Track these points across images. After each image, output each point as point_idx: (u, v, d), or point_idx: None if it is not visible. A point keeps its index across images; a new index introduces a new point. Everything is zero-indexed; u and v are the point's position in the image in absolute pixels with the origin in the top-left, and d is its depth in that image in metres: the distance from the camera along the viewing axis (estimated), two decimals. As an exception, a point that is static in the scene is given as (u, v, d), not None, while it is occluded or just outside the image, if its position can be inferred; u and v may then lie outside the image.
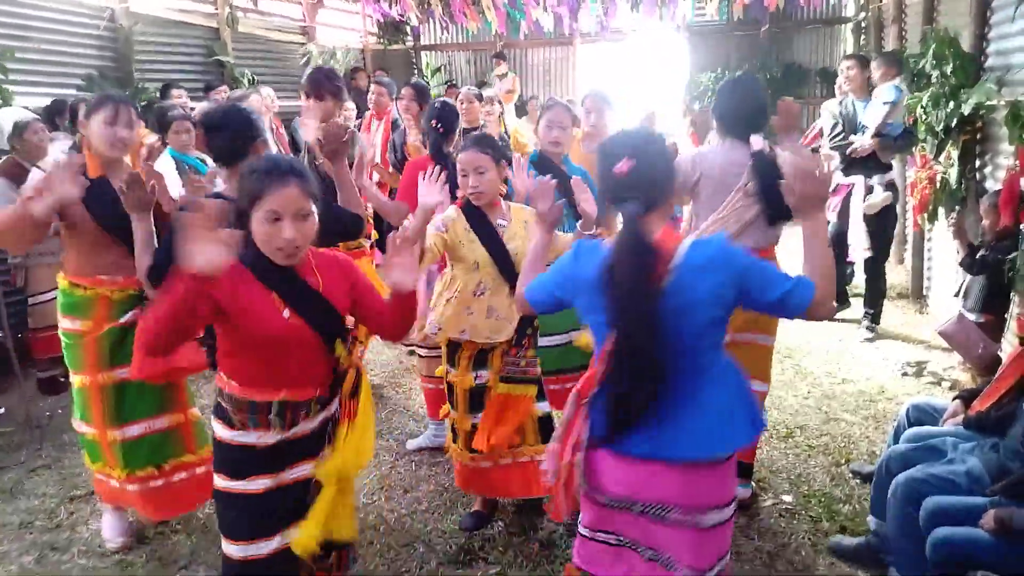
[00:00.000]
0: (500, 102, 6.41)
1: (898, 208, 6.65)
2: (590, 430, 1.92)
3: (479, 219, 2.90)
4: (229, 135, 2.65)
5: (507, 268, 2.87)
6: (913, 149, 5.11)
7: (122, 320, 2.90)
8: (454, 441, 3.09)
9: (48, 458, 3.95)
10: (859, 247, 5.21)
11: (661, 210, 1.94)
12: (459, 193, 2.97)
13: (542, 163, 3.50)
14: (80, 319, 2.91)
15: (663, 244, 1.85)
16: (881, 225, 5.19)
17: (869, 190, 5.10)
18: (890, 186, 5.15)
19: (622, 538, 1.99)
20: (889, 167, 5.16)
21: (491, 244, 2.88)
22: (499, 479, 3.02)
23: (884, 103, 4.95)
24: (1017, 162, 3.82)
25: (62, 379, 4.92)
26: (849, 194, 5.23)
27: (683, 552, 1.89)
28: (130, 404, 2.95)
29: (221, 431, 2.12)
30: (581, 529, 2.05)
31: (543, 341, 3.22)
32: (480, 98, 5.54)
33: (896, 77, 5.01)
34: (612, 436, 1.87)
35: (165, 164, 4.27)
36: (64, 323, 2.95)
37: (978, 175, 4.68)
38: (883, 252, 5.35)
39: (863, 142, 5.01)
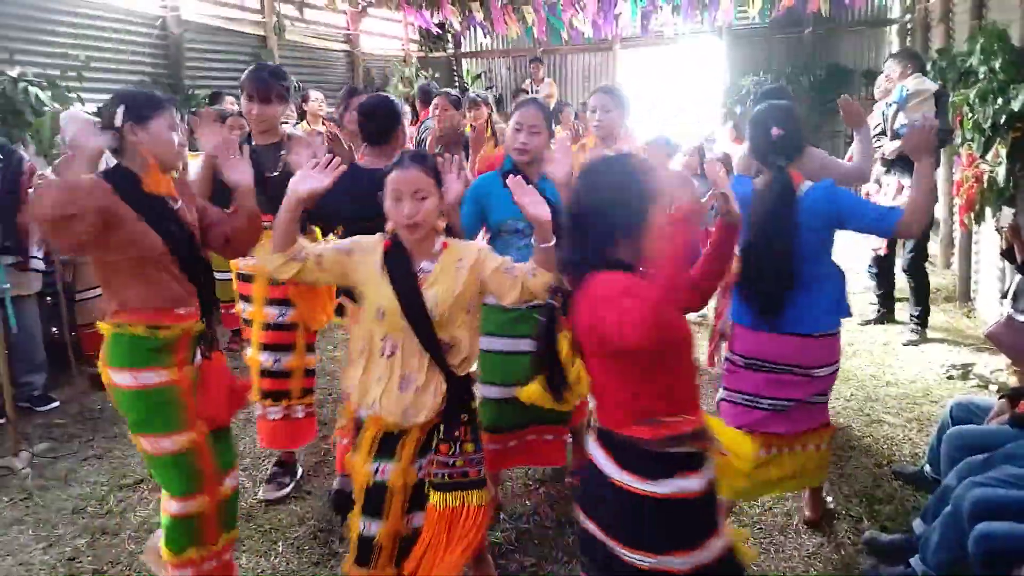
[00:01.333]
0: (490, 104, 5.81)
1: (943, 209, 6.58)
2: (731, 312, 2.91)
3: (397, 257, 2.24)
4: (378, 121, 3.12)
5: (420, 322, 2.19)
6: (957, 146, 5.02)
7: (196, 361, 2.51)
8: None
9: (99, 448, 4.08)
10: (878, 245, 5.42)
11: (795, 162, 2.75)
12: (388, 225, 2.28)
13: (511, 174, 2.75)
14: (166, 368, 2.39)
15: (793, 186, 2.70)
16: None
17: (900, 190, 5.05)
18: None
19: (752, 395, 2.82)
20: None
21: (403, 287, 2.20)
22: None
23: (890, 103, 5.03)
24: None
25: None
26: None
27: (797, 391, 2.80)
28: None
29: None
30: (721, 395, 2.94)
31: (485, 391, 2.88)
32: (458, 104, 5.00)
33: (912, 75, 5.03)
34: (753, 315, 2.77)
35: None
36: (144, 377, 2.36)
37: (1028, 174, 4.56)
38: (920, 251, 5.28)
39: (886, 147, 5.09)
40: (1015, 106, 4.13)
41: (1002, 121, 4.27)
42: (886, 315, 5.69)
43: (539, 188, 2.26)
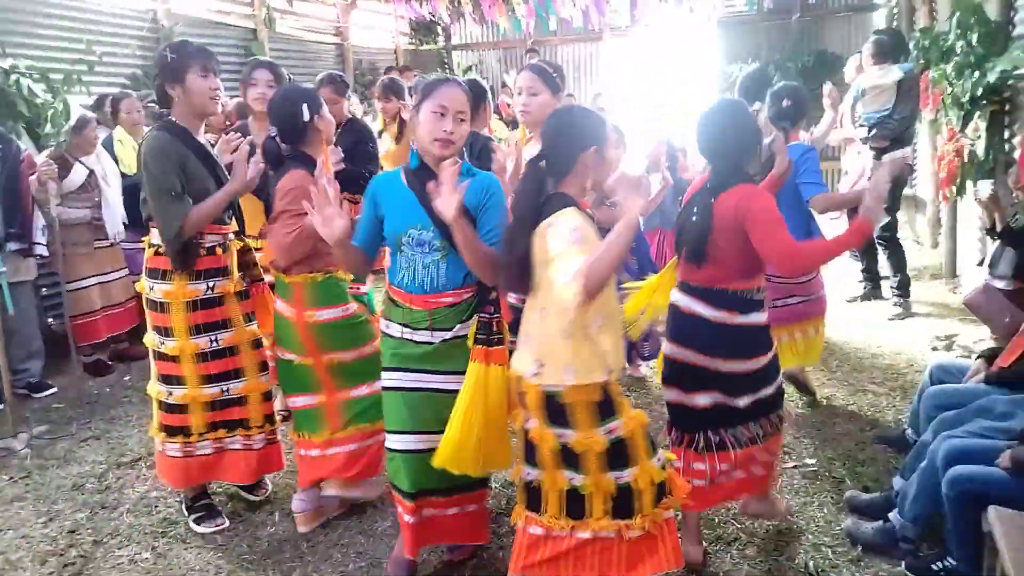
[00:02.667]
0: (403, 96, 5.09)
1: (931, 188, 6.66)
2: None
3: (423, 176, 2.37)
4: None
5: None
6: (940, 123, 5.15)
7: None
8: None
9: (97, 430, 4.14)
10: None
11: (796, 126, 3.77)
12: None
13: (418, 174, 2.37)
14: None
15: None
16: (891, 198, 5.27)
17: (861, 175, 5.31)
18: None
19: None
20: (900, 146, 5.23)
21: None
22: None
23: (853, 96, 5.38)
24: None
25: (109, 362, 5.16)
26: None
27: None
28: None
29: None
30: None
31: (393, 443, 2.53)
32: (392, 91, 4.87)
33: (876, 65, 5.26)
34: None
35: None
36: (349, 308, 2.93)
37: (1007, 146, 4.64)
38: (890, 226, 5.40)
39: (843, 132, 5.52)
40: (991, 79, 4.20)
41: (979, 94, 4.34)
42: (872, 291, 5.77)
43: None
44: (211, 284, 2.94)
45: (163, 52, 2.84)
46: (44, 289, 5.14)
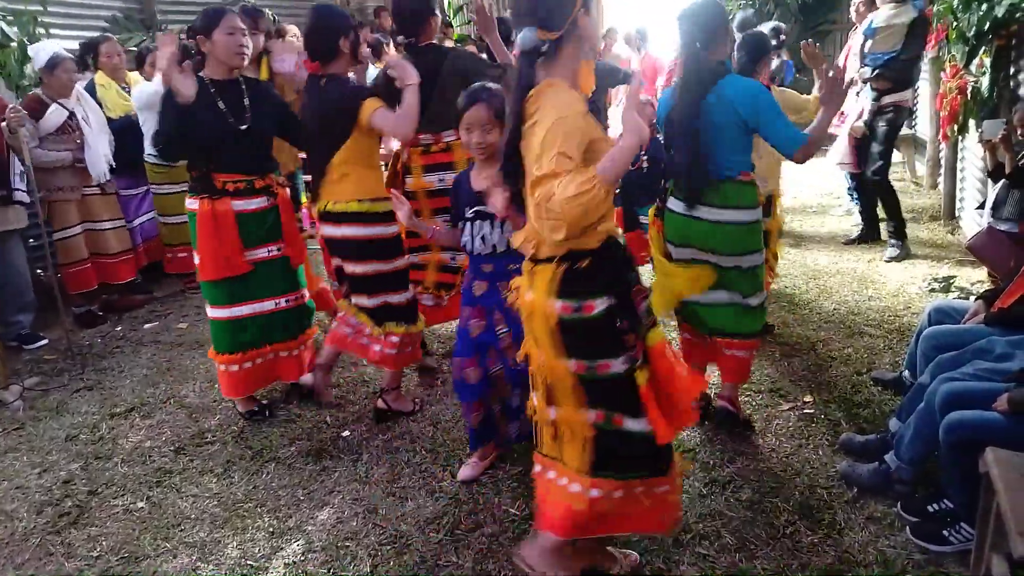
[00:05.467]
0: (276, 36, 4.59)
1: (930, 129, 6.55)
2: None
3: None
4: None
5: None
6: (943, 61, 5.00)
7: None
8: None
9: (90, 381, 4.12)
10: (837, 157, 5.58)
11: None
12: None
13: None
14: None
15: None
16: (885, 142, 5.22)
17: (882, 110, 5.16)
18: (888, 109, 5.17)
19: None
20: (902, 88, 5.09)
21: None
22: None
23: (866, 30, 5.14)
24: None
25: (100, 313, 5.11)
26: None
27: None
28: None
29: None
30: None
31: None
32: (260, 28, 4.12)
33: (888, 3, 5.07)
34: None
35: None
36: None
37: (1012, 83, 4.52)
38: (883, 169, 5.32)
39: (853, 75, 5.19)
40: (999, 12, 4.06)
41: (986, 28, 4.20)
42: (868, 234, 5.72)
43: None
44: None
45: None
46: (32, 240, 5.05)
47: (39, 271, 5.11)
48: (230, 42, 3.12)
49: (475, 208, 2.71)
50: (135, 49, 5.95)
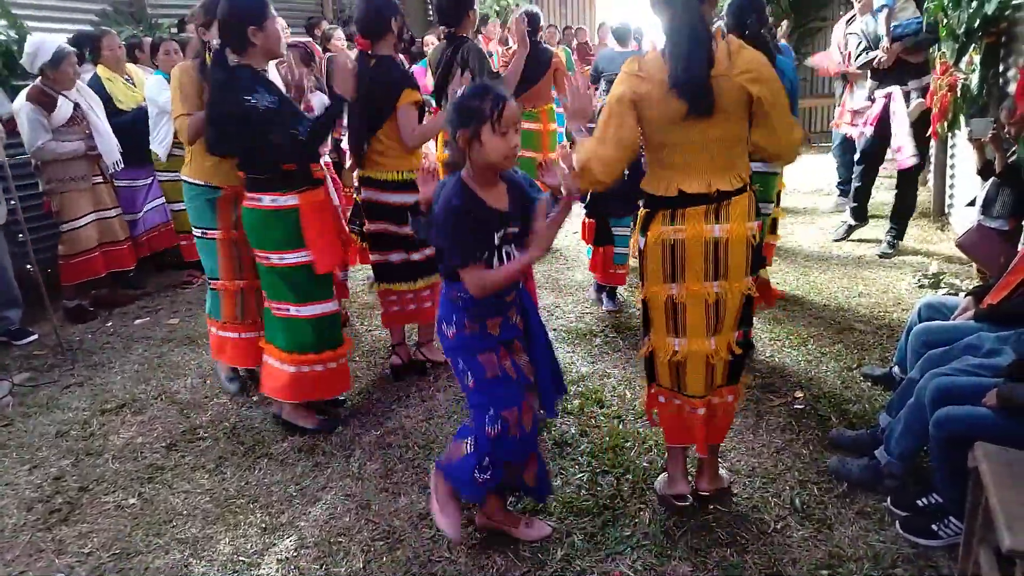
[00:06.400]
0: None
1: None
2: None
3: None
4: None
5: None
6: (932, 57, 4.99)
7: None
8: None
9: (80, 377, 4.10)
10: (907, 155, 5.05)
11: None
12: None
13: None
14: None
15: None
16: (922, 132, 5.12)
17: (907, 96, 5.05)
18: (925, 91, 5.07)
19: None
20: (924, 71, 5.06)
21: None
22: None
23: (879, 9, 5.08)
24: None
25: (90, 308, 5.09)
26: (887, 105, 5.15)
27: None
28: None
29: None
30: None
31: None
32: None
33: None
34: None
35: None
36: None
37: (1001, 80, 4.55)
38: (923, 160, 5.27)
39: (881, 52, 5.02)
40: (989, 9, 4.07)
41: (976, 26, 4.22)
42: (855, 230, 5.74)
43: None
44: None
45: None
46: (20, 236, 5.01)
47: (28, 266, 5.06)
48: (278, 30, 3.05)
49: (505, 230, 2.21)
50: (124, 42, 5.92)
